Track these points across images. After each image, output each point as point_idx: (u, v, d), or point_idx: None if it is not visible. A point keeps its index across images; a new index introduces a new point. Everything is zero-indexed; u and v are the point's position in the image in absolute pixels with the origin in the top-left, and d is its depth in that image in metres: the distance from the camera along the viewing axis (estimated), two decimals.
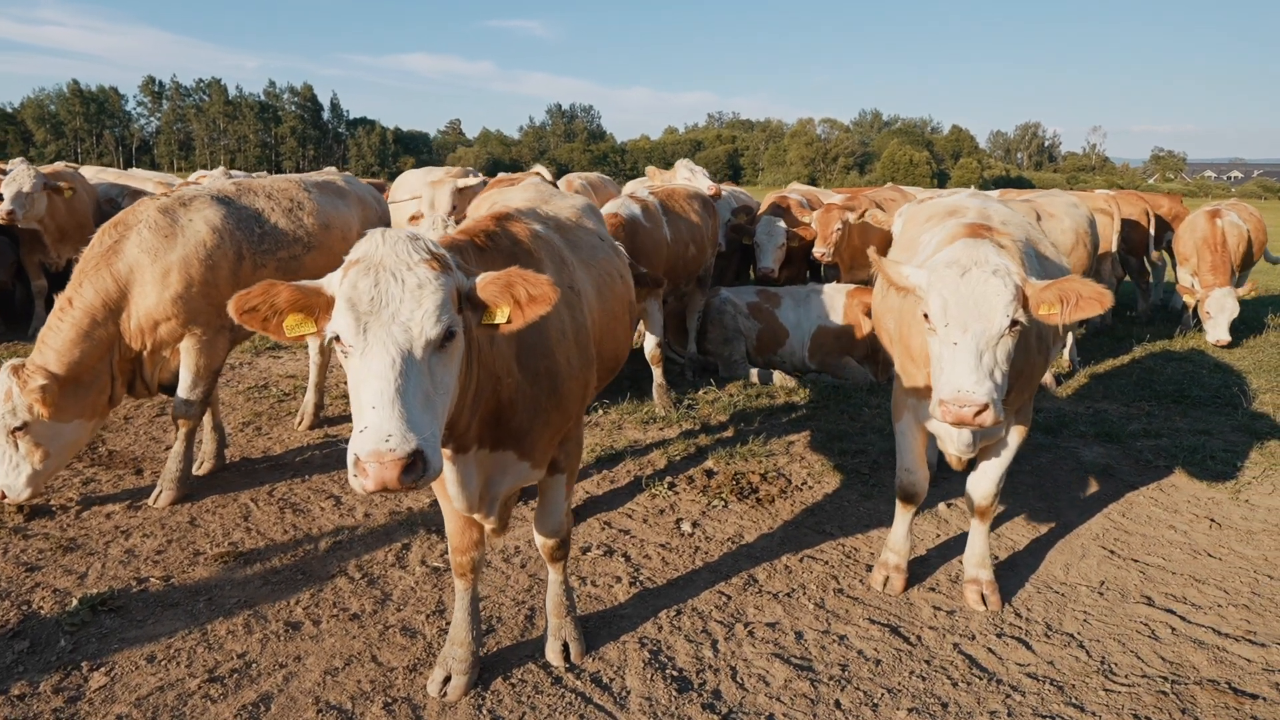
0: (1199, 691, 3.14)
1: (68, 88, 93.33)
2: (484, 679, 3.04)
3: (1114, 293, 11.32)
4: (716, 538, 4.34)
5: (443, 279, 2.11)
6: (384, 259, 2.09)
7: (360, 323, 2.02)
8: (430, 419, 2.02)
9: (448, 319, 2.08)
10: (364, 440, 1.92)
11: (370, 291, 2.04)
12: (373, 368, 1.99)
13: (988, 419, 2.83)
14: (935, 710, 2.99)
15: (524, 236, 2.78)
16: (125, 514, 4.27)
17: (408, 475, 1.90)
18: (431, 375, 2.07)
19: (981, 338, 2.92)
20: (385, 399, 1.95)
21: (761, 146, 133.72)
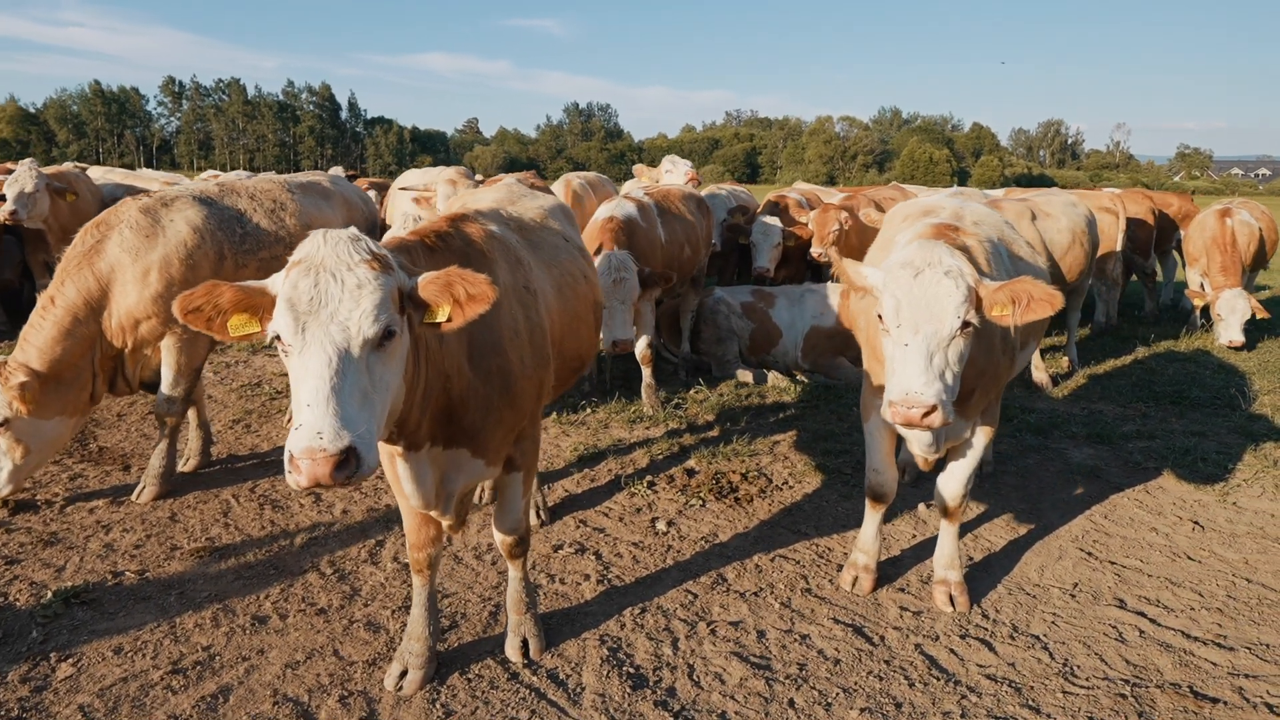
0: (1159, 695, 3.13)
1: (89, 88, 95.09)
2: (442, 674, 3.09)
3: (1121, 293, 11.24)
4: (690, 536, 4.37)
5: (382, 279, 2.16)
6: (325, 260, 2.14)
7: (299, 322, 2.08)
8: (367, 416, 2.07)
9: (386, 318, 2.13)
10: (298, 437, 1.97)
11: (310, 292, 2.09)
12: (310, 366, 2.05)
13: (936, 420, 2.83)
14: (889, 710, 3.00)
15: (477, 237, 2.83)
16: (108, 509, 4.37)
17: (340, 472, 1.95)
18: (370, 374, 2.12)
19: (933, 339, 2.92)
20: (320, 397, 2.00)
21: (780, 145, 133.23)
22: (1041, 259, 4.27)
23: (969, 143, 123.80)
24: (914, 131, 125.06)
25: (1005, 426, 6.34)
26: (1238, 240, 8.21)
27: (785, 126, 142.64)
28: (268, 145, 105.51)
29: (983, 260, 3.53)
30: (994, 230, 4.03)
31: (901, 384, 2.88)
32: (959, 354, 3.00)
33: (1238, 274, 8.05)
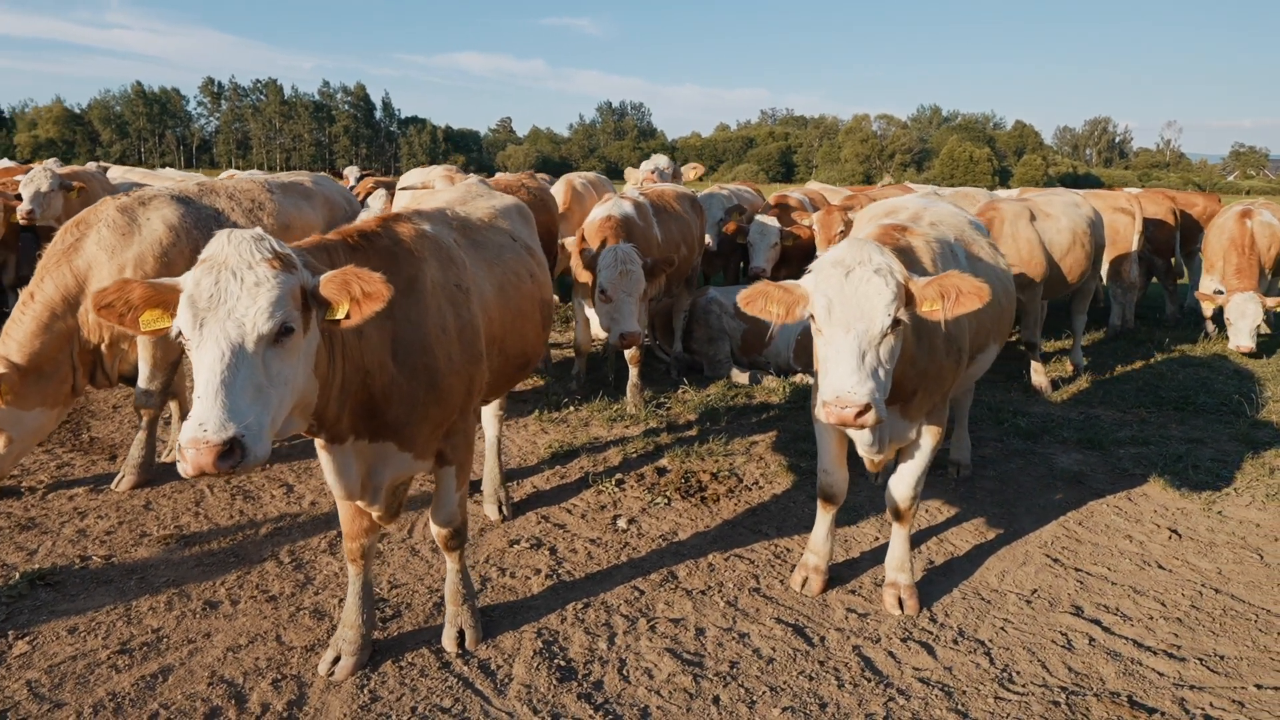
0: (1094, 703, 3.10)
1: (132, 89, 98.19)
2: (376, 661, 3.19)
3: (1141, 295, 10.96)
4: (649, 534, 4.42)
5: (282, 277, 2.26)
6: (227, 258, 2.25)
7: (198, 318, 2.19)
8: (260, 409, 2.17)
9: (282, 315, 2.23)
10: (185, 428, 2.08)
11: (210, 289, 2.20)
12: (204, 360, 2.16)
13: (869, 420, 2.84)
14: (812, 710, 3.02)
15: (407, 236, 2.92)
16: (86, 497, 4.57)
17: (224, 461, 2.05)
18: (267, 368, 2.21)
19: (864, 337, 2.93)
20: (209, 390, 2.11)
21: (815, 144, 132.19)
22: (1002, 260, 4.24)
23: (1011, 141, 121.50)
24: (954, 130, 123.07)
25: (993, 430, 6.28)
26: (1257, 242, 7.98)
27: (821, 125, 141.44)
28: (304, 145, 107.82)
29: (927, 260, 3.53)
30: (952, 231, 4.02)
31: (834, 384, 2.90)
32: (890, 352, 3.01)
33: (1253, 277, 7.82)
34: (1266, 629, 3.66)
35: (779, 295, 3.12)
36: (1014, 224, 7.00)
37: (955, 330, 3.47)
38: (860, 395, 2.83)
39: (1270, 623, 3.71)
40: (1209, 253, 8.81)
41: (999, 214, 6.97)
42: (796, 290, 3.11)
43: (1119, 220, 9.77)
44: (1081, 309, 8.26)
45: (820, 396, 2.95)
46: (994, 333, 4.07)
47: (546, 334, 3.86)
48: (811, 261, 3.23)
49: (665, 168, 8.14)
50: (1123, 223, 9.75)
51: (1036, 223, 7.23)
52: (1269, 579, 4.12)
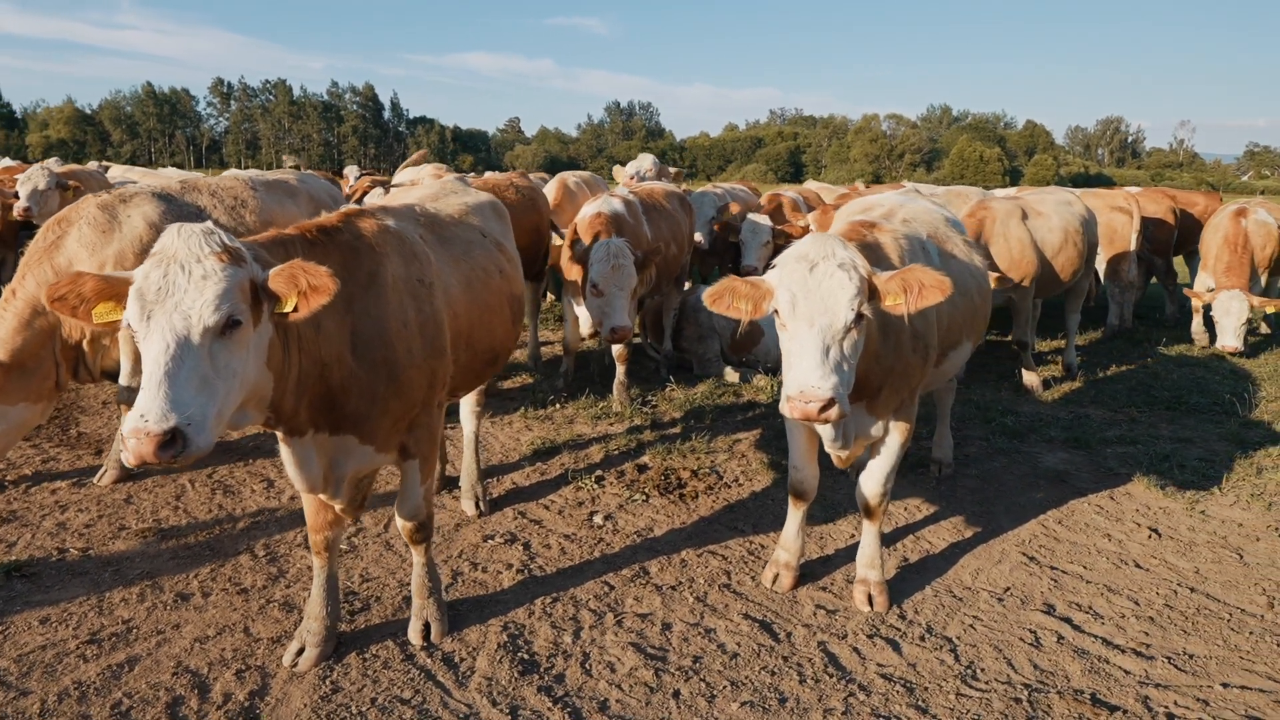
0: (1056, 700, 3.10)
1: (142, 90, 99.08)
2: (341, 652, 3.23)
3: (1141, 295, 10.88)
4: (625, 530, 4.44)
5: (230, 270, 2.29)
6: (177, 252, 2.29)
7: (145, 310, 2.22)
8: (205, 401, 2.20)
9: (229, 307, 2.26)
10: (128, 418, 2.12)
11: (159, 282, 2.24)
12: (149, 351, 2.19)
13: (833, 414, 2.85)
14: (771, 705, 3.04)
15: (369, 231, 2.95)
16: (69, 490, 4.63)
17: (164, 451, 2.09)
18: (213, 360, 2.25)
19: (828, 332, 2.93)
20: (153, 381, 2.15)
21: (824, 143, 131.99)
22: (979, 258, 4.23)
23: (1022, 141, 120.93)
24: (964, 130, 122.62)
25: (980, 429, 6.27)
26: (1250, 241, 7.92)
27: (830, 125, 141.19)
28: (312, 145, 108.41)
29: (895, 256, 3.54)
30: (925, 228, 4.02)
31: (798, 378, 2.90)
32: (854, 346, 3.02)
33: (1242, 276, 7.77)
34: (1239, 628, 3.64)
35: (746, 291, 3.12)
36: (1005, 223, 6.98)
37: (922, 326, 3.47)
38: (824, 390, 2.83)
39: (1243, 622, 3.70)
40: (1204, 251, 8.76)
41: (990, 213, 6.95)
42: (763, 285, 3.12)
43: (1116, 219, 9.73)
44: (1075, 308, 8.22)
45: (784, 391, 2.95)
46: (967, 330, 4.06)
47: (517, 329, 3.88)
48: None
49: (648, 170, 8.14)
50: (1120, 222, 9.71)
51: (1029, 221, 7.20)
52: (1246, 578, 4.10)
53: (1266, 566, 4.23)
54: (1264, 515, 4.84)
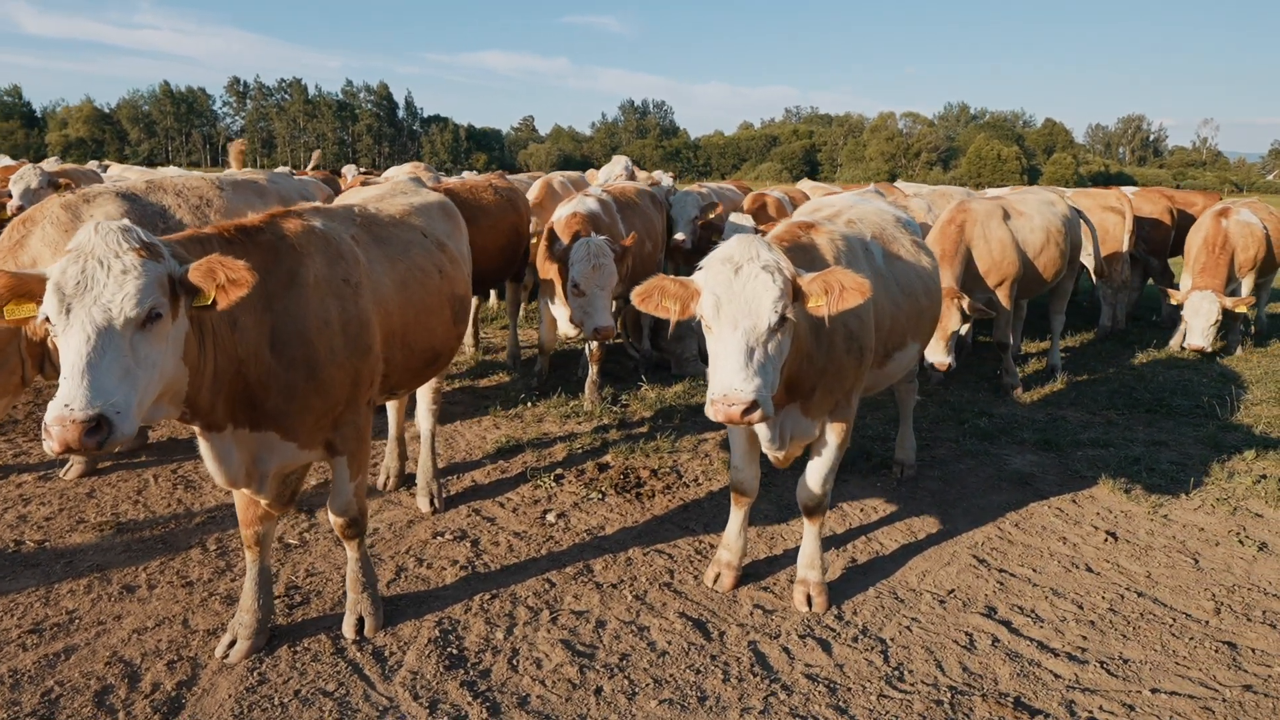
0: (979, 703, 3.11)
1: (159, 89, 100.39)
2: (274, 645, 3.29)
3: (1139, 296, 10.74)
4: (576, 529, 4.48)
5: (149, 265, 2.36)
6: (94, 248, 2.36)
7: (64, 304, 2.29)
8: (127, 390, 2.27)
9: (151, 301, 2.33)
10: (51, 408, 2.19)
11: (77, 277, 2.31)
12: (70, 343, 2.26)
13: (756, 417, 2.87)
14: (690, 703, 3.07)
15: (292, 231, 3.01)
16: (35, 484, 4.74)
17: (90, 437, 2.16)
18: (134, 352, 2.32)
19: (751, 335, 2.94)
20: (76, 371, 2.22)
21: (840, 142, 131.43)
22: (927, 259, 4.23)
23: (1041, 139, 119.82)
24: (981, 128, 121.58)
25: (953, 430, 6.26)
26: (1230, 242, 7.84)
27: (846, 123, 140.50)
28: (327, 143, 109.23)
29: (830, 257, 3.55)
30: (871, 229, 4.03)
31: (721, 381, 2.92)
32: (779, 348, 3.03)
33: (1217, 276, 7.69)
34: (1180, 633, 3.63)
35: (674, 290, 3.14)
36: (985, 224, 6.95)
37: (857, 327, 3.48)
38: (746, 393, 2.85)
39: (1186, 627, 3.68)
40: (1186, 250, 8.69)
41: (969, 215, 6.92)
42: (691, 285, 3.13)
43: (1108, 219, 9.66)
44: (1059, 309, 8.18)
45: (709, 394, 2.96)
46: (913, 331, 4.07)
47: (460, 329, 3.93)
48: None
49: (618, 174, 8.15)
50: (1112, 222, 9.64)
51: (1010, 221, 7.17)
52: (1198, 583, 4.08)
53: (1221, 572, 4.21)
54: (1227, 520, 4.81)
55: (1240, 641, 3.58)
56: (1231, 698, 3.18)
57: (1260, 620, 3.74)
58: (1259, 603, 3.90)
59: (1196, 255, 8.02)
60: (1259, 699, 3.17)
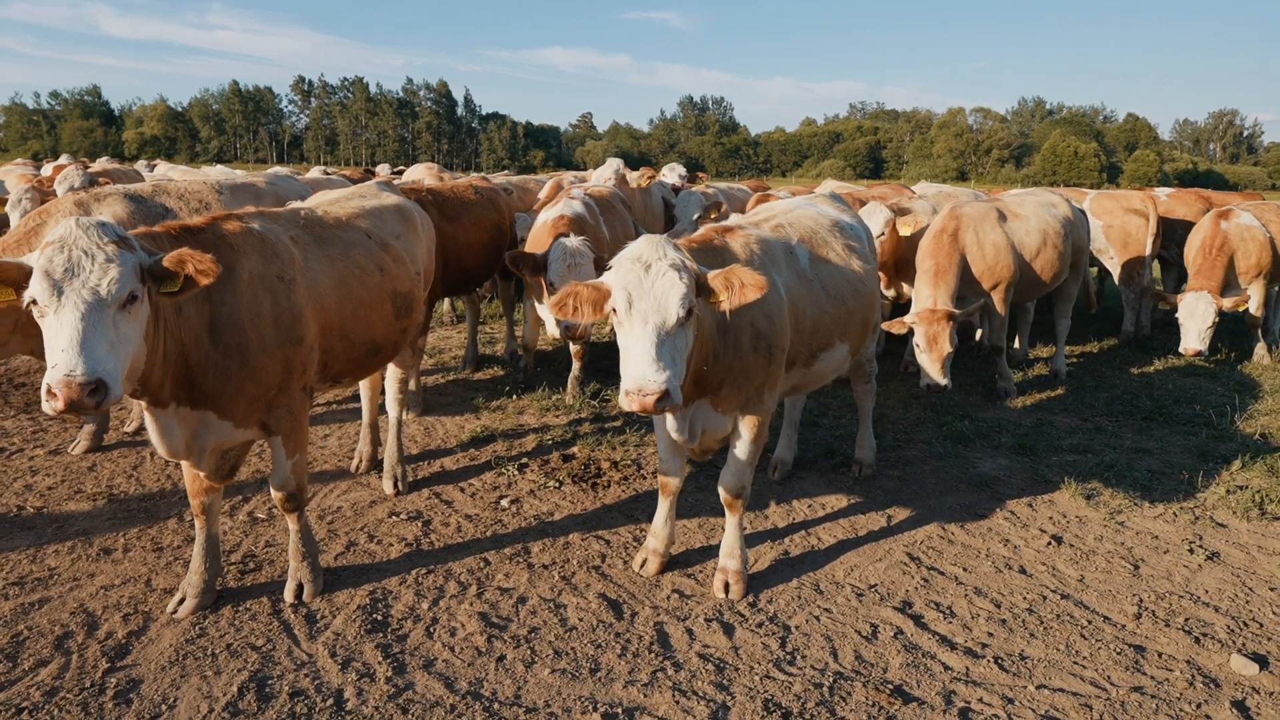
0: (859, 688, 3.28)
1: (229, 88, 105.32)
2: (220, 604, 3.69)
3: (1151, 301, 10.44)
4: (526, 514, 4.79)
5: (126, 255, 2.80)
6: (77, 239, 2.78)
7: (55, 288, 2.71)
8: (114, 359, 2.72)
9: (130, 285, 2.77)
10: (54, 373, 2.62)
11: (65, 264, 2.73)
12: (65, 320, 2.69)
13: (668, 406, 3.11)
14: (582, 673, 3.33)
15: (230, 232, 3.40)
16: (45, 458, 5.30)
17: (91, 397, 2.60)
18: (116, 329, 2.76)
19: (660, 329, 3.18)
20: (73, 344, 2.65)
21: (906, 138, 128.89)
22: (859, 263, 4.38)
23: (1122, 136, 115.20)
24: (1057, 124, 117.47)
25: (926, 432, 6.35)
26: (1228, 244, 7.64)
27: (914, 119, 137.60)
28: (388, 141, 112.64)
29: (743, 258, 3.76)
30: (800, 233, 4.22)
31: (634, 374, 3.17)
32: (686, 342, 3.28)
33: (1212, 279, 7.51)
34: (1090, 635, 3.72)
35: (588, 294, 3.38)
36: (977, 228, 6.97)
37: (765, 327, 3.68)
38: (658, 383, 3.09)
39: (1099, 630, 3.77)
40: (1185, 253, 8.50)
41: (960, 221, 6.94)
42: (603, 287, 3.39)
43: (1131, 222, 9.49)
44: (1064, 313, 8.11)
45: (623, 386, 3.22)
46: (840, 332, 4.23)
47: (404, 323, 4.27)
48: None
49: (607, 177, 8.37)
50: (1135, 225, 9.46)
51: (1006, 224, 7.19)
52: (1129, 589, 4.13)
53: (1159, 579, 4.25)
54: (1186, 529, 4.81)
55: (1150, 646, 3.65)
56: (1116, 697, 3.28)
57: (1179, 627, 3.80)
58: (1185, 610, 3.95)
59: (1194, 258, 7.86)
60: (1144, 700, 3.26)
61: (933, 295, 6.56)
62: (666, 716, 3.09)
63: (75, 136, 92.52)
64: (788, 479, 5.42)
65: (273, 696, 3.11)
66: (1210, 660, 3.54)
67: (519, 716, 3.06)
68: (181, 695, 3.09)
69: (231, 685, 3.15)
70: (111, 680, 3.17)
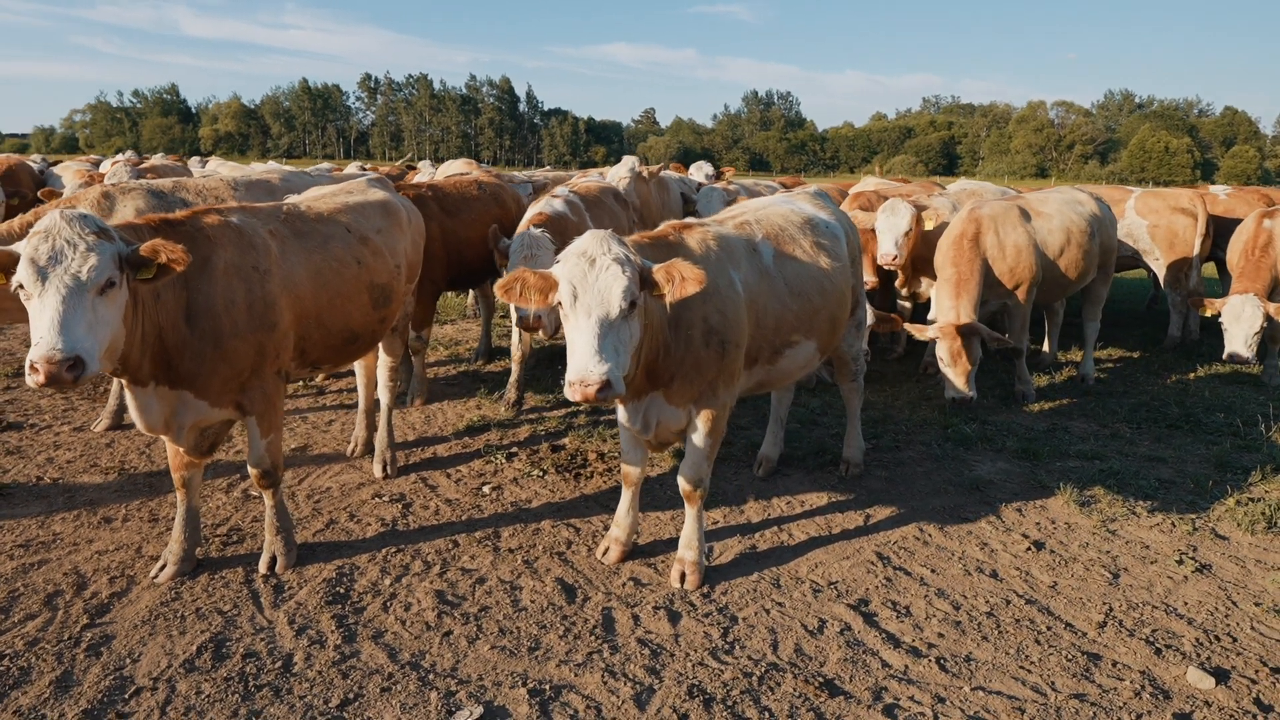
0: (789, 680, 3.36)
1: (298, 86, 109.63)
2: (199, 571, 4.00)
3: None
4: (505, 500, 4.99)
5: (105, 245, 3.11)
6: (60, 230, 3.09)
7: (40, 274, 3.03)
8: (92, 339, 3.02)
9: (110, 272, 3.08)
10: (37, 350, 2.93)
11: (49, 253, 3.05)
12: (48, 303, 3.00)
13: (609, 396, 3.28)
14: (521, 651, 3.50)
15: (209, 224, 3.69)
16: (69, 434, 5.77)
17: (71, 371, 2.90)
18: (95, 311, 3.06)
19: (603, 321, 3.34)
20: (55, 324, 2.96)
21: (983, 133, 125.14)
22: (826, 260, 4.42)
23: (1218, 130, 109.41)
24: (1147, 117, 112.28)
25: (930, 434, 6.31)
26: (1273, 244, 7.30)
27: (991, 113, 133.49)
28: (451, 137, 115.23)
29: (697, 254, 3.86)
30: (767, 230, 4.30)
31: (577, 364, 3.34)
32: (629, 333, 3.41)
33: (1257, 281, 7.16)
34: (1045, 641, 3.70)
35: (535, 281, 3.56)
36: (998, 229, 6.86)
37: (718, 322, 3.78)
38: (598, 374, 3.25)
39: (1056, 636, 3.74)
40: (1228, 255, 8.14)
41: (980, 223, 6.83)
42: (551, 277, 3.56)
43: (1178, 222, 9.15)
44: (1092, 315, 7.91)
45: (567, 376, 3.38)
46: (805, 329, 4.29)
47: (382, 314, 4.52)
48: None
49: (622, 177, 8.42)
50: (1182, 224, 9.12)
51: (1029, 223, 7.06)
52: (1100, 597, 4.08)
53: (1137, 589, 4.18)
54: (1180, 539, 4.70)
55: (1107, 655, 3.61)
56: (1054, 703, 3.27)
57: (1143, 638, 3.74)
58: (1155, 621, 3.88)
59: (1237, 259, 7.53)
60: (1082, 706, 3.25)
61: (955, 307, 6.47)
62: (591, 695, 3.24)
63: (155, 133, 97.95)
64: (773, 476, 5.48)
65: (227, 656, 3.38)
66: (1166, 672, 3.49)
67: (450, 687, 3.25)
68: (146, 651, 3.39)
69: (192, 644, 3.44)
70: (88, 635, 3.49)
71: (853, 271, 4.92)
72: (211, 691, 3.16)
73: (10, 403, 6.40)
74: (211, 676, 3.25)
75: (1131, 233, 9.28)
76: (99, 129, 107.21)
